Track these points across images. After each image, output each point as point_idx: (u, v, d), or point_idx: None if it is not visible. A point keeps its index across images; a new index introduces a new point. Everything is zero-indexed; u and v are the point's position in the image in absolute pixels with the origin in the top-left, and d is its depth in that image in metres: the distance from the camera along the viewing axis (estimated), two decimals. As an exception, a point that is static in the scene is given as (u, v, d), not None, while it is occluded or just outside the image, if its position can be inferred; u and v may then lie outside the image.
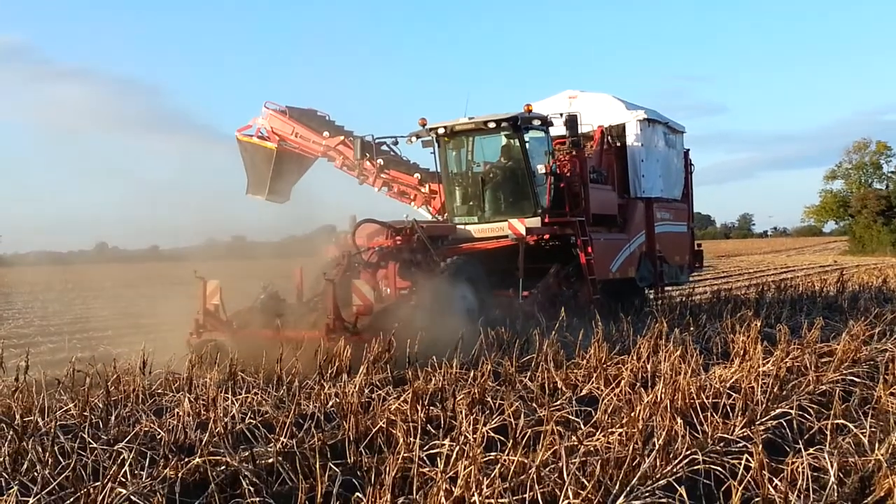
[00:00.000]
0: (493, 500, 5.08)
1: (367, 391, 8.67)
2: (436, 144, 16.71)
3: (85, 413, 7.86)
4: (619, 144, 18.63)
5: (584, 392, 8.94)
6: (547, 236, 16.21)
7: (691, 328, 13.19)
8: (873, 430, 6.77)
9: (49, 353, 14.99)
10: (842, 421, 7.04)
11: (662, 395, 7.55)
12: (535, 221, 15.79)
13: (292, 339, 11.48)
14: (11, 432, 6.82)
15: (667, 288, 20.54)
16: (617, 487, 5.47)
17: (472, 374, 9.03)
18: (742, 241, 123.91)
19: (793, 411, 7.38)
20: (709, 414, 7.37)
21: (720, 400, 7.83)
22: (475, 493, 5.01)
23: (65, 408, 8.19)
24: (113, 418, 7.87)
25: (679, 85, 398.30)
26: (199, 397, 8.30)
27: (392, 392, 8.73)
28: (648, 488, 5.48)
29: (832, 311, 16.81)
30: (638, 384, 8.44)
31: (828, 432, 6.85)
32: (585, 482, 5.41)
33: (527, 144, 16.07)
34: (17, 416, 7.07)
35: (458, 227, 16.51)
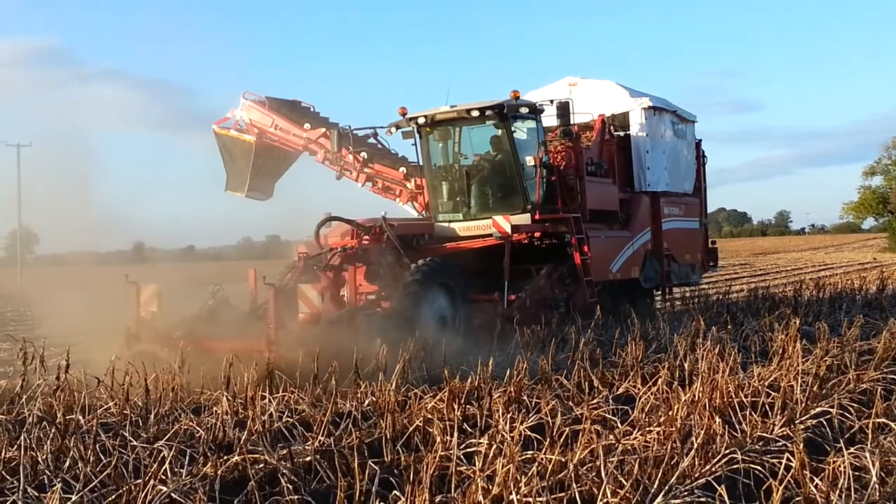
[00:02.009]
0: (530, 499, 5.07)
1: (402, 390, 8.70)
2: (417, 135, 15.55)
3: (125, 411, 7.96)
4: (622, 134, 17.49)
5: (620, 390, 8.90)
6: (538, 234, 15.24)
7: (729, 326, 13.05)
8: (916, 428, 6.70)
9: (88, 352, 15.11)
10: (883, 420, 6.98)
11: (700, 394, 7.50)
12: (523, 218, 14.68)
13: (232, 350, 9.99)
14: (54, 430, 6.92)
15: (676, 288, 19.58)
16: (655, 486, 5.44)
17: (508, 373, 9.03)
18: (779, 239, 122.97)
19: (833, 410, 7.32)
20: (748, 413, 7.32)
21: (759, 399, 7.77)
22: (513, 492, 5.01)
23: (105, 406, 8.28)
24: (153, 416, 7.95)
25: (713, 81, 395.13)
26: (236, 396, 8.36)
27: (428, 391, 8.76)
28: (687, 487, 5.46)
29: (872, 308, 16.62)
30: (675, 382, 8.39)
31: (869, 431, 6.77)
32: (623, 481, 5.40)
33: (514, 134, 14.94)
34: (59, 415, 7.16)
35: (442, 224, 15.34)
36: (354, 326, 10.93)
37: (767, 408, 7.57)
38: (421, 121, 15.24)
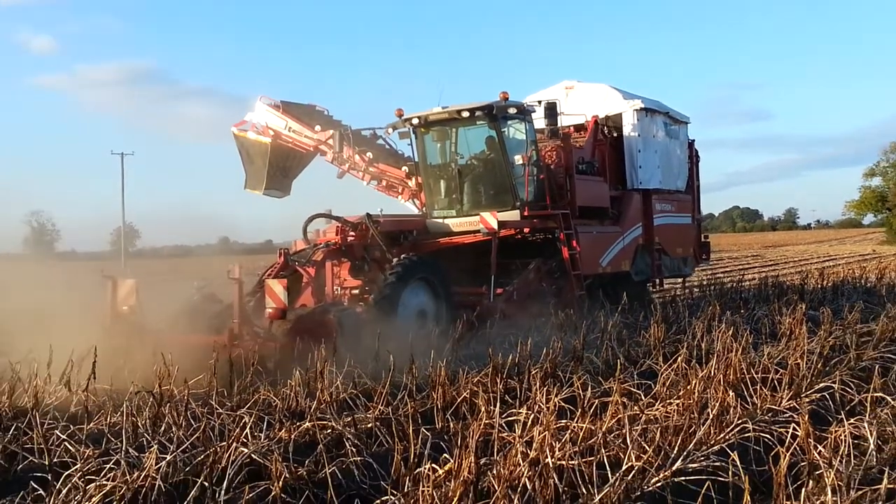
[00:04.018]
0: (564, 462, 5.06)
1: (452, 365, 8.70)
2: (413, 136, 14.59)
3: (212, 383, 8.03)
4: (615, 135, 16.31)
5: (644, 367, 8.84)
6: (528, 230, 14.14)
7: (742, 311, 12.89)
8: (910, 402, 6.58)
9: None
10: (881, 394, 6.85)
11: (716, 371, 7.42)
12: (512, 215, 13.70)
13: (199, 344, 9.24)
14: (151, 399, 7.03)
15: (667, 280, 18.37)
16: (675, 452, 5.40)
17: (544, 351, 9.00)
18: (787, 233, 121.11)
19: (835, 385, 7.20)
20: (758, 387, 7.23)
21: (769, 375, 7.65)
22: (548, 456, 5.00)
23: (196, 378, 8.36)
24: (235, 388, 8.03)
25: (728, 93, 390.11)
26: (308, 369, 8.40)
27: (474, 366, 8.76)
28: (703, 453, 5.41)
29: (871, 295, 16.25)
30: (693, 360, 8.28)
31: (867, 404, 6.64)
32: (646, 447, 5.37)
33: (504, 134, 13.92)
34: (156, 386, 7.26)
35: (437, 221, 14.31)
36: (325, 322, 9.92)
37: (776, 383, 7.46)
38: (415, 121, 14.32)
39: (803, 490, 4.56)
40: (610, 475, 4.94)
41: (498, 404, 6.45)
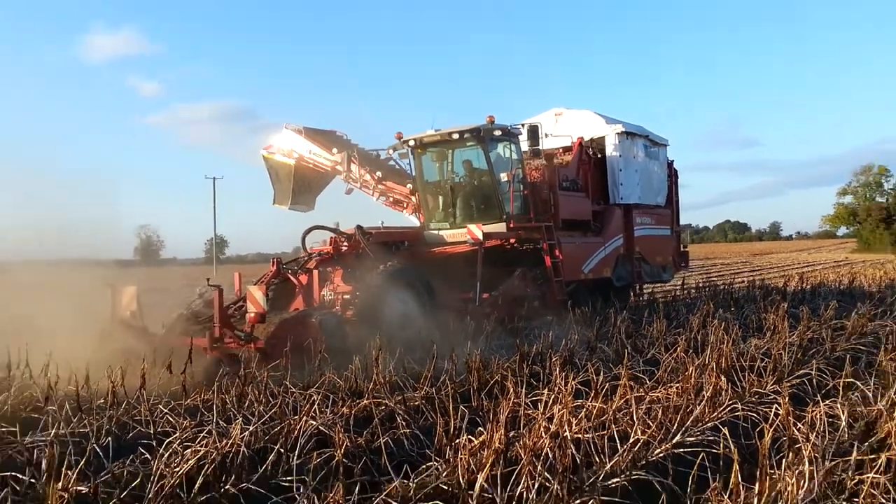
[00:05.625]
0: (580, 435, 5.03)
1: (486, 353, 8.67)
2: (411, 156, 13.91)
3: (287, 366, 8.09)
4: (599, 155, 15.58)
5: (648, 356, 8.75)
6: (513, 241, 13.42)
7: (732, 309, 12.70)
8: (876, 386, 6.42)
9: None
10: (851, 380, 6.69)
11: (710, 359, 7.32)
12: (499, 227, 13.03)
13: (187, 346, 8.33)
14: (237, 380, 7.11)
15: (648, 285, 17.60)
16: (675, 428, 5.34)
17: (563, 342, 8.93)
18: (772, 243, 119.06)
19: (812, 372, 7.06)
20: (746, 374, 7.11)
21: (755, 363, 7.53)
22: (567, 430, 4.97)
23: (274, 363, 8.41)
24: (306, 371, 8.08)
25: (722, 124, 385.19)
26: (366, 356, 8.42)
27: (504, 354, 8.72)
28: (699, 429, 5.34)
29: (844, 296, 15.88)
30: (690, 350, 8.19)
31: (840, 388, 6.52)
32: (650, 423, 5.31)
33: (492, 153, 13.19)
34: (241, 369, 7.34)
35: (433, 232, 13.63)
36: (307, 325, 9.02)
37: (762, 370, 7.34)
38: (412, 143, 13.65)
39: (784, 461, 4.48)
40: (619, 447, 4.89)
41: (524, 386, 6.43)
